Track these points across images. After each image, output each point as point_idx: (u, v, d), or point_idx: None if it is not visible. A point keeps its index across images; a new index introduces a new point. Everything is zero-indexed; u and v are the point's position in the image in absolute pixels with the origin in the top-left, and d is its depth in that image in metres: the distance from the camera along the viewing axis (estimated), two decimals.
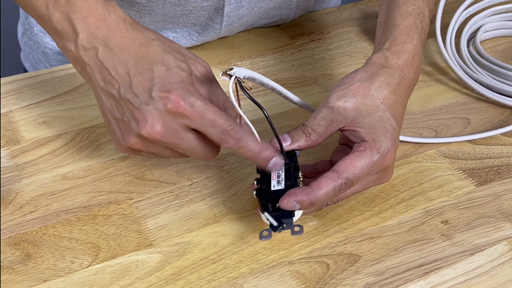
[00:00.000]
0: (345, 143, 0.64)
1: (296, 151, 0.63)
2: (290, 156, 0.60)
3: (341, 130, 0.60)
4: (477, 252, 0.61)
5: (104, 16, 0.59)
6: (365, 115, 0.59)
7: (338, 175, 0.57)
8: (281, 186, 0.59)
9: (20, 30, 0.98)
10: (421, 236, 0.63)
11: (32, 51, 0.95)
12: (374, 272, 0.59)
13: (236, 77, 0.57)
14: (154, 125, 0.56)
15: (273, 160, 0.58)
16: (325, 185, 0.57)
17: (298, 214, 0.59)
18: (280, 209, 0.58)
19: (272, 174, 0.60)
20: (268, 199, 0.58)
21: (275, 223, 0.58)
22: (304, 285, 0.58)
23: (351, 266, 0.59)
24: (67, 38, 0.60)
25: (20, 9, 0.95)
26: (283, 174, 0.59)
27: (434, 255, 0.61)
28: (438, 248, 0.61)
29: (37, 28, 0.92)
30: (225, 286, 0.58)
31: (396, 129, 0.60)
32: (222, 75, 0.57)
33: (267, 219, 0.58)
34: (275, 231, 0.58)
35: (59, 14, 0.60)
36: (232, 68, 0.57)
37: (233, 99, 0.57)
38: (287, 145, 0.60)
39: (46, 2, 0.60)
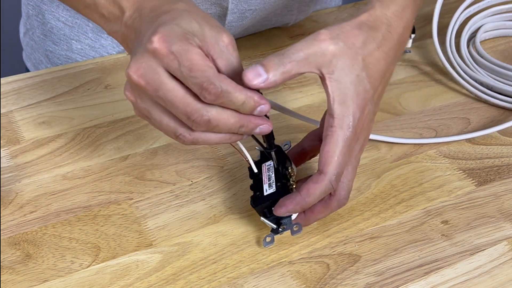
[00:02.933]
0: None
1: (288, 143, 0.64)
2: (276, 153, 0.60)
3: (320, 77, 0.56)
4: (477, 252, 0.61)
5: None
6: (344, 68, 0.55)
7: (324, 176, 0.55)
8: (273, 188, 0.59)
9: (21, 29, 0.98)
10: (421, 236, 0.63)
11: (34, 52, 0.95)
12: (375, 272, 0.59)
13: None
14: (137, 67, 0.53)
15: (259, 108, 0.54)
16: (314, 190, 0.56)
17: (295, 213, 0.60)
18: None
19: (263, 178, 0.60)
20: (263, 206, 0.59)
21: (274, 226, 0.59)
22: (304, 285, 0.58)
23: (351, 266, 0.59)
24: (115, 19, 0.59)
25: (22, 8, 0.95)
26: (273, 175, 0.60)
27: (434, 255, 0.61)
28: (438, 248, 0.61)
29: (39, 31, 0.92)
30: (225, 286, 0.58)
31: (369, 92, 0.56)
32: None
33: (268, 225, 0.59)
34: (276, 234, 0.59)
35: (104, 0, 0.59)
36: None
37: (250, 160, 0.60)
38: (263, 79, 0.53)
39: None
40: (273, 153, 0.59)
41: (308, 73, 0.56)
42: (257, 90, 0.54)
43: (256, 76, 0.53)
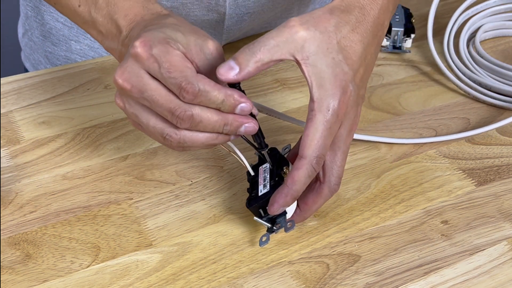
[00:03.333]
0: None
1: (288, 146, 0.64)
2: (272, 156, 0.61)
3: (296, 62, 0.56)
4: (477, 252, 0.61)
5: (143, 12, 0.59)
6: (318, 52, 0.55)
7: (305, 160, 0.55)
8: (267, 188, 0.59)
9: (20, 30, 0.98)
10: (421, 236, 0.63)
11: (33, 52, 0.95)
12: (374, 272, 0.59)
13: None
14: (121, 72, 0.54)
15: (240, 106, 0.54)
16: (298, 177, 0.56)
17: (290, 211, 0.60)
18: None
19: (259, 180, 0.60)
20: (257, 206, 0.59)
21: (269, 225, 0.59)
22: (304, 285, 0.58)
23: (351, 266, 0.60)
24: (112, 37, 0.60)
25: (21, 9, 0.95)
26: (268, 176, 0.60)
27: (434, 255, 0.61)
28: (438, 248, 0.61)
29: (38, 32, 0.92)
30: (225, 286, 0.58)
31: (347, 73, 0.56)
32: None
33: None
34: (272, 233, 0.59)
35: (102, 17, 0.60)
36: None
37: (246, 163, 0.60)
38: (235, 72, 0.54)
39: (88, 8, 0.61)
40: (265, 152, 0.59)
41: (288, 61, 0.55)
42: (239, 88, 0.55)
43: (228, 69, 0.54)
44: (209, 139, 0.56)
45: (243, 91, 0.55)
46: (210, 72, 0.55)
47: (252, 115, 0.55)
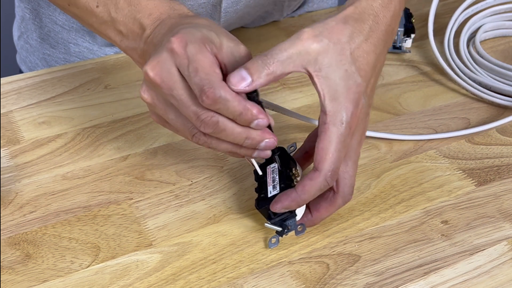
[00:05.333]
0: None
1: (293, 145, 0.64)
2: (280, 156, 0.61)
3: (308, 75, 0.56)
4: (477, 252, 0.61)
5: (170, 11, 0.60)
6: (332, 65, 0.55)
7: (319, 173, 0.55)
8: (277, 190, 0.59)
9: (16, 33, 0.97)
10: (421, 236, 0.63)
11: (29, 55, 0.95)
12: (374, 272, 0.59)
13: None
14: (154, 64, 0.54)
15: (256, 122, 0.54)
16: (309, 188, 0.56)
17: (299, 213, 0.60)
18: (281, 213, 0.59)
19: (267, 180, 0.60)
20: (267, 208, 0.59)
21: (279, 229, 0.59)
22: (304, 285, 0.58)
23: (351, 266, 0.60)
24: (133, 37, 0.60)
25: (16, 11, 0.95)
26: (277, 177, 0.60)
27: (434, 255, 0.61)
28: (438, 248, 0.61)
29: (36, 34, 0.92)
30: (225, 286, 0.58)
31: (360, 85, 0.56)
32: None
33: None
34: (282, 236, 0.60)
35: (123, 17, 0.60)
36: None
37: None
38: (247, 83, 0.53)
39: (107, 8, 0.61)
40: (276, 156, 0.60)
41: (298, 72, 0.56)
42: (257, 96, 0.55)
43: (240, 80, 0.54)
44: (232, 149, 0.57)
45: (260, 102, 0.55)
46: (233, 63, 0.55)
47: (269, 126, 0.56)
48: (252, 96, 0.54)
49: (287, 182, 0.59)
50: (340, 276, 0.59)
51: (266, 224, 0.59)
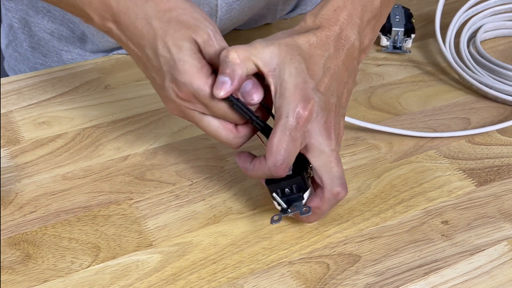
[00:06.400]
0: None
1: None
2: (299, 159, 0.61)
3: (263, 75, 0.59)
4: (477, 252, 0.61)
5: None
6: (283, 63, 0.58)
7: (265, 162, 0.58)
8: (289, 172, 0.59)
9: (3, 41, 0.96)
10: (421, 236, 0.63)
11: (18, 63, 0.94)
12: (374, 272, 0.59)
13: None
14: (172, 110, 0.61)
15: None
16: (257, 169, 0.59)
17: (306, 196, 0.60)
18: (289, 194, 0.60)
19: None
20: (277, 185, 0.59)
21: (284, 206, 0.60)
22: (304, 285, 0.58)
23: (351, 266, 0.60)
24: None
25: (3, 19, 0.93)
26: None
27: (434, 255, 0.61)
28: (438, 248, 0.61)
29: (26, 44, 0.91)
30: (225, 286, 0.58)
31: (308, 82, 0.58)
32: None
33: (278, 204, 0.60)
34: (285, 214, 0.60)
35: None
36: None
37: None
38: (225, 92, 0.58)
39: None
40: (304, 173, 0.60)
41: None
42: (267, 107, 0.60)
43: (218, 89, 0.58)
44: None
45: (268, 107, 0.60)
46: (211, 56, 0.60)
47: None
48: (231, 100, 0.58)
49: (301, 167, 0.60)
50: (341, 276, 0.59)
51: (273, 194, 0.60)
